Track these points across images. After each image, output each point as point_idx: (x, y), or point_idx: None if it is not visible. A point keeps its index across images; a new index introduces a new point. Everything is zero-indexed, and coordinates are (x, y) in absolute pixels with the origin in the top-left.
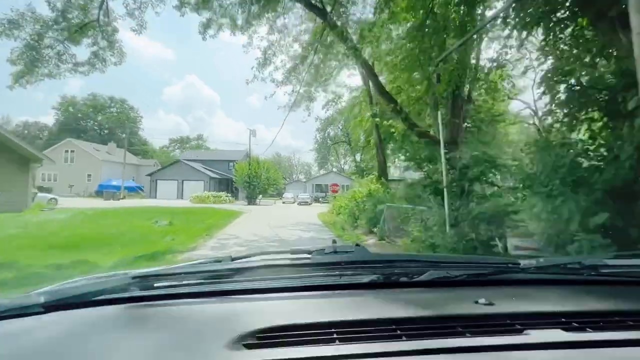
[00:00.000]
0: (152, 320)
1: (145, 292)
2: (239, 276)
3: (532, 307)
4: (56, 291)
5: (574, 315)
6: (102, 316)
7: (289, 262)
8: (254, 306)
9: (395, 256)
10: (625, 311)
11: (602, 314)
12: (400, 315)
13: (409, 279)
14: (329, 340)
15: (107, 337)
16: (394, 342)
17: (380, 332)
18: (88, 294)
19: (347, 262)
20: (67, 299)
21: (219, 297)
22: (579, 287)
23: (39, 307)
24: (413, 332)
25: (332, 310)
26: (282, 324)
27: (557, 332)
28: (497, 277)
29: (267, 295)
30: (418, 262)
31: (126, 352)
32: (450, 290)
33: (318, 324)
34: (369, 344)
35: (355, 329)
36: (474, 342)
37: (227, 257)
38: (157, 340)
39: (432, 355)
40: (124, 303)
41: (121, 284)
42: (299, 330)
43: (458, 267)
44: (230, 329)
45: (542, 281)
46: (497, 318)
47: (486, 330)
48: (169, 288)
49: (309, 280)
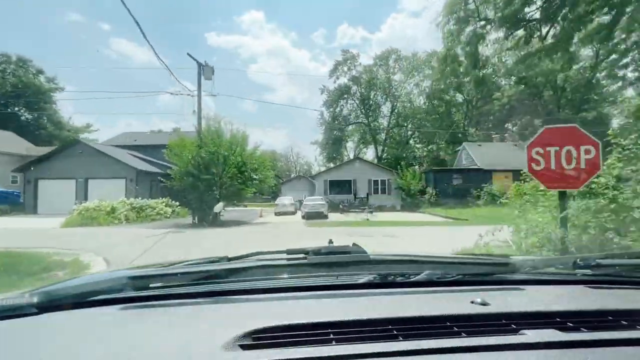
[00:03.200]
0: (147, 321)
1: (141, 293)
2: (235, 276)
3: (527, 307)
4: (50, 291)
5: (569, 315)
6: (97, 317)
7: (285, 262)
8: (249, 307)
9: (392, 256)
10: (620, 311)
11: (596, 313)
12: (396, 316)
13: (405, 279)
14: (325, 341)
15: (102, 338)
16: (390, 343)
17: (377, 332)
18: (82, 295)
19: (344, 262)
20: (61, 299)
21: (215, 297)
22: (573, 287)
23: (32, 307)
24: (409, 332)
25: (329, 311)
26: (278, 325)
27: (553, 332)
28: (492, 277)
29: (263, 295)
30: (414, 262)
31: (121, 354)
32: (446, 290)
33: (314, 324)
34: (365, 345)
35: (352, 329)
36: (469, 342)
37: (224, 258)
38: (153, 342)
39: (428, 356)
40: (119, 304)
41: (116, 284)
42: (295, 331)
43: (454, 267)
44: (226, 329)
45: (537, 281)
46: (492, 318)
47: (482, 330)
48: (165, 288)
49: (306, 280)
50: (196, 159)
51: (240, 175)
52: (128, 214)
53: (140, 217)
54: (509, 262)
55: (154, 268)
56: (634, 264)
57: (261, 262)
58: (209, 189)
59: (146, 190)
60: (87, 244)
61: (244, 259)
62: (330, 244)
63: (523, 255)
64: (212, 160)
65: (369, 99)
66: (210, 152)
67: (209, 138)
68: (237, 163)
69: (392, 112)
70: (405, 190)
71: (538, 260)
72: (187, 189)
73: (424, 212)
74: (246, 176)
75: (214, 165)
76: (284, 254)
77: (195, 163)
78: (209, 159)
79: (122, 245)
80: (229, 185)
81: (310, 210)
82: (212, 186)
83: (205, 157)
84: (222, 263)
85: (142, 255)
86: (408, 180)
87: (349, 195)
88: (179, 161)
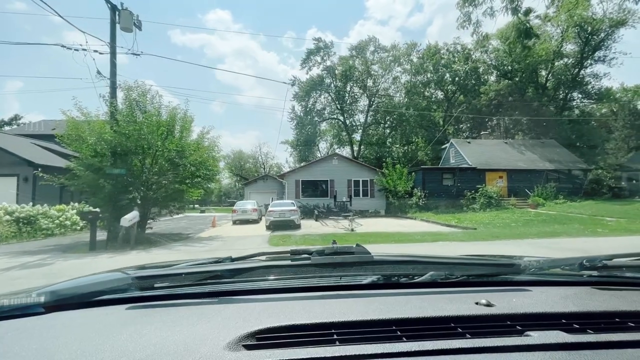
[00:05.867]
0: (151, 321)
1: (145, 293)
2: (239, 277)
3: (532, 309)
4: (56, 291)
5: (574, 317)
6: (103, 317)
7: (289, 263)
8: (253, 307)
9: (396, 257)
10: (626, 312)
11: (602, 315)
12: (400, 316)
13: (409, 279)
14: (329, 341)
15: (108, 337)
16: (394, 343)
17: (381, 333)
18: (88, 294)
19: (348, 262)
20: (67, 299)
21: (219, 297)
22: (579, 288)
23: (39, 307)
24: (413, 333)
25: (332, 311)
26: (281, 325)
27: (558, 334)
28: (497, 278)
29: (267, 296)
30: (418, 263)
31: (126, 353)
32: (450, 291)
33: (318, 324)
34: (369, 345)
35: (356, 330)
36: (474, 344)
37: (227, 258)
38: (157, 341)
39: (432, 357)
40: (124, 303)
41: (121, 284)
42: (299, 331)
43: (458, 268)
44: (230, 329)
45: (543, 282)
46: (497, 319)
47: (486, 331)
48: (169, 289)
49: (309, 281)
50: (100, 144)
51: (177, 171)
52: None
53: (25, 233)
54: (514, 263)
55: (159, 268)
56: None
57: (265, 263)
58: (123, 190)
59: (54, 192)
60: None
61: (248, 260)
62: (333, 244)
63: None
64: (129, 147)
65: (345, 93)
66: (125, 135)
67: (127, 115)
68: (171, 153)
69: (370, 107)
70: (391, 192)
71: (543, 261)
72: (91, 189)
73: (415, 217)
74: (186, 172)
75: (132, 154)
76: (287, 255)
77: (101, 150)
78: (124, 145)
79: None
80: (159, 184)
81: (276, 219)
82: (129, 186)
83: (113, 140)
84: (226, 263)
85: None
86: (394, 180)
87: (326, 199)
88: (79, 148)
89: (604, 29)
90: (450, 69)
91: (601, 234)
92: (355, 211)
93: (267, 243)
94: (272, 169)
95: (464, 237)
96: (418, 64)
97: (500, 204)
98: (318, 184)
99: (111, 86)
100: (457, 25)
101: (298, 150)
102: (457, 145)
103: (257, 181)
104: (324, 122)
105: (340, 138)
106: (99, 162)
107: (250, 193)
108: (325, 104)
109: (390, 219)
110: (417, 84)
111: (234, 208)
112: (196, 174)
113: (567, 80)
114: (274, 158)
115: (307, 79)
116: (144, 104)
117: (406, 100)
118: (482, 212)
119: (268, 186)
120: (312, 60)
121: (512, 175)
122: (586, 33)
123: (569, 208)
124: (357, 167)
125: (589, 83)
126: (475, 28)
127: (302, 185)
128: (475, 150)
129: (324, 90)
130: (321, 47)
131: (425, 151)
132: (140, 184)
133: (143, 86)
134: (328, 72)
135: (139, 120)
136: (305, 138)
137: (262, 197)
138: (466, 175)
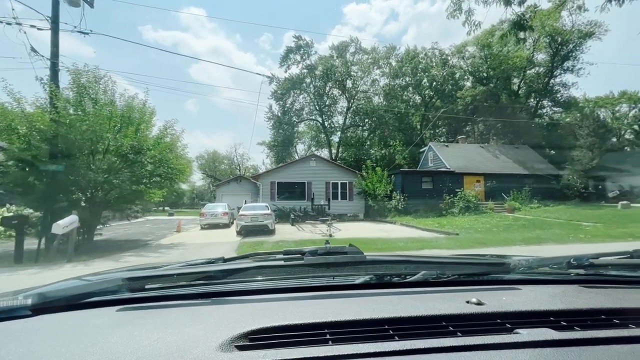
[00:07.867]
0: (143, 323)
1: (136, 294)
2: (231, 277)
3: (521, 307)
4: (44, 293)
5: (562, 314)
6: (92, 318)
7: (281, 263)
8: (245, 307)
9: (388, 257)
10: (612, 309)
11: (589, 312)
12: (392, 316)
13: (401, 279)
14: (321, 341)
15: (97, 340)
16: (386, 342)
17: (373, 332)
18: (77, 296)
19: (340, 263)
20: (55, 301)
21: (211, 298)
22: (567, 286)
23: (26, 309)
24: (405, 332)
25: (325, 311)
26: (274, 325)
27: (546, 331)
28: (487, 277)
29: (260, 296)
30: (410, 262)
31: (116, 356)
32: (441, 290)
33: (311, 324)
34: (361, 344)
35: (348, 329)
36: (465, 342)
37: (220, 258)
38: (148, 343)
39: (424, 355)
40: (115, 305)
41: (112, 285)
42: (292, 331)
43: (450, 268)
44: (222, 330)
45: (532, 281)
46: (487, 317)
47: (477, 329)
48: (161, 290)
49: (302, 281)
50: (33, 134)
51: (132, 169)
52: None
53: None
54: (504, 262)
55: (150, 269)
56: (625, 264)
57: (257, 263)
58: (63, 190)
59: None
60: None
61: (240, 260)
62: (327, 244)
63: None
64: (70, 139)
65: (325, 94)
66: (65, 125)
67: (74, 102)
68: (125, 148)
69: (349, 109)
70: (370, 195)
71: (533, 260)
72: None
73: (394, 221)
74: (143, 171)
75: (75, 148)
76: (280, 255)
77: (35, 142)
78: (64, 137)
79: None
80: (110, 184)
81: (248, 223)
82: (72, 185)
83: (49, 131)
84: (219, 264)
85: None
86: (374, 183)
87: (303, 202)
88: (9, 139)
89: (573, 39)
90: (429, 73)
91: (585, 240)
92: (334, 215)
93: (235, 252)
94: (248, 171)
95: (448, 244)
96: (397, 67)
97: (479, 208)
98: (295, 186)
99: (51, 68)
100: (446, 15)
101: (275, 151)
102: (436, 148)
103: (230, 182)
104: (302, 122)
105: (318, 140)
106: (32, 157)
107: (223, 195)
108: (304, 103)
109: (370, 223)
110: (396, 87)
111: (202, 211)
112: (154, 172)
113: (538, 89)
114: (249, 160)
115: (285, 78)
116: (95, 91)
117: (385, 103)
118: (461, 216)
119: (242, 188)
120: (291, 59)
121: (489, 179)
122: (556, 43)
123: (544, 212)
124: (335, 169)
125: (558, 92)
126: (467, 17)
127: (278, 187)
128: (453, 153)
129: (302, 90)
130: (301, 46)
131: (403, 154)
132: (87, 184)
133: (95, 71)
134: (308, 70)
135: (88, 109)
136: (282, 138)
137: (236, 200)
138: (445, 179)
